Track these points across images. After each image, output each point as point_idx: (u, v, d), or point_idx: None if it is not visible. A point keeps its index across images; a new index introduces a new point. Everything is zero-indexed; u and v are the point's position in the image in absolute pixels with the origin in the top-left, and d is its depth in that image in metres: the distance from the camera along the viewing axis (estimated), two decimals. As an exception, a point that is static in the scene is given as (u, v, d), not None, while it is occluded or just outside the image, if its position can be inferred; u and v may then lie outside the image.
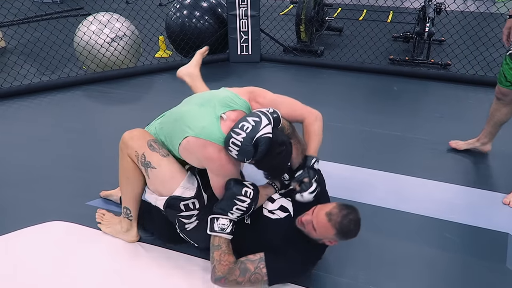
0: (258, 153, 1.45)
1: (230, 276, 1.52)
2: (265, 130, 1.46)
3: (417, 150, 2.65)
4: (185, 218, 1.65)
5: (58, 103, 3.33)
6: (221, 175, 1.58)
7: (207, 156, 1.55)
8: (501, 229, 1.96)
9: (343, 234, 1.49)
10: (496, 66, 3.72)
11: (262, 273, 1.52)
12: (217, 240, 1.55)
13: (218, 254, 1.53)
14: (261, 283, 1.55)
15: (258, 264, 1.53)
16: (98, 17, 3.68)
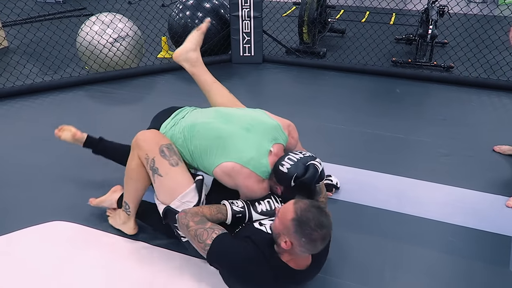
0: (308, 173, 1.55)
1: (190, 217, 1.49)
2: (316, 161, 1.61)
3: (419, 153, 2.64)
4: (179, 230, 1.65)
5: (60, 103, 3.33)
6: (250, 197, 1.66)
7: (248, 185, 1.61)
8: (505, 233, 1.95)
9: (299, 222, 1.34)
10: (499, 69, 3.72)
11: (210, 236, 1.44)
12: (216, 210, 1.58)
13: (202, 209, 1.55)
14: (202, 245, 1.45)
15: (215, 229, 1.46)
16: (101, 17, 3.68)
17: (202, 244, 1.45)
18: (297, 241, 1.36)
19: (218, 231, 1.46)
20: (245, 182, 1.59)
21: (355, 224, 1.99)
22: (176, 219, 1.55)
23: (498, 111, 3.29)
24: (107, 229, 1.95)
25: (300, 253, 1.41)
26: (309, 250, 1.39)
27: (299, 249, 1.38)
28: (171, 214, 1.62)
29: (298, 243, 1.36)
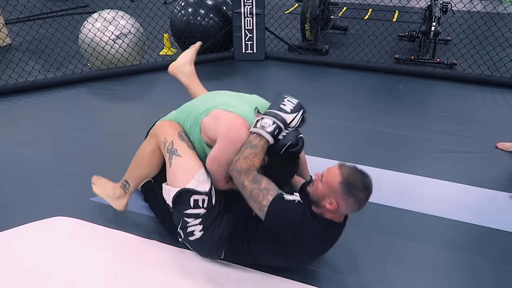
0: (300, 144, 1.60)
1: (244, 175, 1.51)
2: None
3: (422, 149, 2.63)
4: (189, 217, 1.61)
5: (63, 100, 3.33)
6: (227, 149, 1.59)
7: (231, 125, 1.59)
8: (508, 229, 1.94)
9: (347, 185, 1.42)
10: (502, 66, 3.70)
11: (266, 198, 1.48)
12: (256, 139, 1.54)
13: (249, 152, 1.53)
14: (257, 206, 1.50)
15: (270, 190, 1.50)
16: (103, 15, 3.68)
17: (258, 205, 1.49)
18: (344, 201, 1.44)
19: (273, 192, 1.50)
20: (230, 122, 1.60)
21: (358, 220, 1.98)
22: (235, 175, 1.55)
23: (501, 108, 3.28)
24: (110, 225, 1.95)
25: (345, 212, 1.51)
26: (355, 209, 1.47)
27: (344, 209, 1.47)
28: (187, 194, 1.60)
29: (345, 203, 1.45)
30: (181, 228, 1.64)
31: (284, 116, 1.58)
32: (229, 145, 1.59)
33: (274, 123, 1.55)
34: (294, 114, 1.60)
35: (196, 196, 1.59)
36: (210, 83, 2.18)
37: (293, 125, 1.61)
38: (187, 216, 1.61)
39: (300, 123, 1.64)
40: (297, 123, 1.61)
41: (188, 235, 1.63)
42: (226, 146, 1.60)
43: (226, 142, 1.60)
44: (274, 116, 1.56)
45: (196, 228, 1.61)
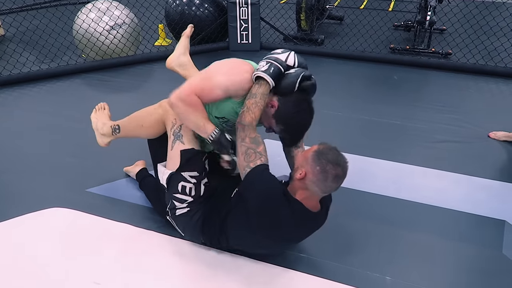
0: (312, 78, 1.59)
1: (247, 130, 1.53)
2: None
3: (417, 139, 2.65)
4: (177, 201, 1.68)
5: (57, 91, 3.32)
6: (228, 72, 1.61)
7: (235, 65, 1.62)
8: (498, 217, 1.97)
9: (318, 153, 1.43)
10: (497, 55, 3.71)
11: (255, 161, 1.48)
12: (254, 87, 1.55)
13: (250, 102, 1.54)
14: (245, 164, 1.49)
15: (262, 156, 1.50)
16: (97, 5, 3.66)
17: (245, 163, 1.50)
18: (311, 169, 1.43)
19: (264, 160, 1.50)
20: (233, 62, 1.65)
21: (352, 210, 2.01)
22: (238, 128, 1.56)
23: (495, 97, 3.30)
24: (106, 216, 1.96)
25: (311, 187, 1.45)
26: (320, 181, 1.42)
27: (311, 179, 1.43)
28: (177, 178, 1.67)
29: (312, 171, 1.42)
30: (169, 209, 1.72)
31: (276, 56, 1.57)
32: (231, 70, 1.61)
33: (267, 62, 1.55)
34: (286, 53, 1.59)
35: (184, 183, 1.65)
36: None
37: (291, 62, 1.58)
38: (176, 200, 1.68)
39: (298, 59, 1.60)
40: (294, 60, 1.58)
41: (175, 213, 1.71)
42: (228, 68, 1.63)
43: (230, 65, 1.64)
44: (266, 58, 1.57)
45: (181, 210, 1.69)
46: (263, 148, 1.53)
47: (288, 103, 1.57)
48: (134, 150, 2.33)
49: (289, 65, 1.58)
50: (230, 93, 1.60)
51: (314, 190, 1.46)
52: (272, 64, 1.54)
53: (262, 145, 1.54)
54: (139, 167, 2.17)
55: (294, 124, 1.60)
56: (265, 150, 1.53)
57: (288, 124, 1.59)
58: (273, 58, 1.56)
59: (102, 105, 2.11)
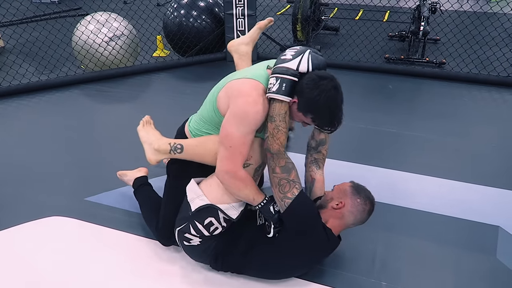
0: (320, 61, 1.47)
1: (276, 158, 1.49)
2: None
3: (411, 147, 2.69)
4: (194, 229, 1.60)
5: (57, 102, 3.36)
6: (239, 119, 1.45)
7: (240, 89, 1.47)
8: (492, 222, 2.00)
9: (356, 187, 1.61)
10: (489, 64, 3.78)
11: (291, 191, 1.48)
12: (272, 109, 1.45)
13: (272, 127, 1.47)
14: (281, 195, 1.49)
15: (296, 183, 1.50)
16: (96, 17, 3.71)
17: (282, 195, 1.50)
18: (351, 201, 1.56)
19: (299, 187, 1.51)
20: (239, 86, 1.48)
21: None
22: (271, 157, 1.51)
23: (488, 105, 3.35)
24: (105, 224, 1.99)
25: (348, 217, 1.57)
26: (358, 213, 1.56)
27: (349, 210, 1.55)
28: (208, 213, 1.57)
29: (352, 203, 1.56)
30: (180, 231, 1.64)
31: (286, 65, 1.43)
32: (236, 114, 1.45)
33: (277, 78, 1.42)
34: (297, 58, 1.44)
35: (215, 221, 1.58)
36: (203, 84, 2.22)
37: (304, 69, 1.43)
38: (193, 227, 1.60)
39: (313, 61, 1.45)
40: (308, 63, 1.43)
41: (185, 239, 1.64)
42: (234, 117, 1.46)
43: (232, 113, 1.46)
44: (275, 73, 1.44)
45: (194, 239, 1.62)
46: (295, 175, 1.52)
47: (305, 90, 1.42)
48: (132, 159, 2.36)
49: (302, 72, 1.44)
50: (254, 130, 1.50)
51: (348, 220, 1.59)
52: (283, 80, 1.42)
53: (293, 171, 1.52)
54: (140, 173, 2.12)
55: (322, 107, 1.44)
56: (297, 175, 1.53)
57: (316, 109, 1.45)
58: (283, 71, 1.43)
59: (148, 118, 1.93)
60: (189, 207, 1.60)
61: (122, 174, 2.17)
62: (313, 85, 1.41)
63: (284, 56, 1.47)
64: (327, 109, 1.45)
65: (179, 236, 1.66)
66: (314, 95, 1.41)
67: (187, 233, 1.62)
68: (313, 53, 1.48)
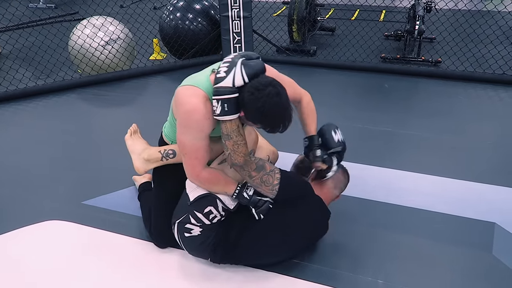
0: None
1: (246, 167, 1.57)
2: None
3: (407, 145, 2.70)
4: (194, 219, 1.63)
5: (54, 106, 3.36)
6: (185, 128, 1.51)
7: (180, 98, 1.51)
8: (487, 219, 2.01)
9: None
10: (484, 62, 3.79)
11: (275, 177, 1.60)
12: (223, 128, 1.48)
13: (231, 144, 1.50)
14: (269, 187, 1.60)
15: (274, 169, 1.61)
16: (92, 21, 3.72)
17: (270, 187, 1.60)
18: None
19: (277, 170, 1.62)
20: (180, 96, 1.52)
21: (344, 215, 2.05)
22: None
23: (484, 103, 3.36)
24: (103, 227, 1.99)
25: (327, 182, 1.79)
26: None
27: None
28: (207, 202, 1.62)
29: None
30: (180, 222, 1.66)
31: (222, 85, 1.42)
32: (183, 123, 1.52)
33: (218, 101, 1.43)
34: (231, 74, 1.42)
35: (214, 210, 1.62)
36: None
37: (239, 82, 1.42)
38: (193, 217, 1.63)
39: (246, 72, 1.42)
40: (242, 76, 1.42)
41: (185, 230, 1.65)
42: (182, 126, 1.53)
43: (180, 124, 1.54)
44: (215, 95, 1.44)
45: (195, 228, 1.64)
46: (269, 165, 1.62)
47: (247, 104, 1.42)
48: (129, 163, 2.36)
49: (240, 85, 1.43)
50: (204, 135, 1.53)
51: (330, 185, 1.83)
52: (224, 100, 1.42)
53: (266, 164, 1.61)
54: (145, 179, 2.17)
55: (267, 116, 1.43)
56: (270, 164, 1.63)
57: (263, 119, 1.45)
58: (221, 92, 1.43)
59: (136, 127, 2.01)
60: (188, 198, 1.65)
61: (135, 179, 2.25)
62: (254, 97, 1.41)
63: (219, 74, 1.45)
64: (273, 116, 1.44)
65: (179, 229, 1.66)
66: (258, 106, 1.41)
67: (187, 224, 1.64)
68: (245, 61, 1.45)
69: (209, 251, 1.66)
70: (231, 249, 1.65)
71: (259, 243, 1.65)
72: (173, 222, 1.69)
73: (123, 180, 2.30)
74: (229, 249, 1.65)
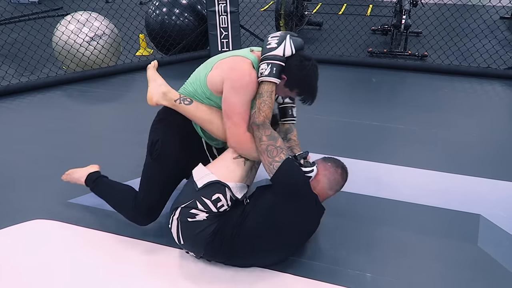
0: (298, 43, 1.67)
1: (262, 129, 1.63)
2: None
3: (394, 139, 2.72)
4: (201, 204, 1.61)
5: (38, 104, 3.31)
6: (237, 90, 1.63)
7: (233, 65, 1.67)
8: (473, 211, 2.04)
9: None
10: (469, 55, 3.84)
11: (279, 155, 1.61)
12: (261, 87, 1.65)
13: (259, 102, 1.64)
14: (270, 160, 1.61)
15: (283, 149, 1.63)
16: (76, 16, 3.66)
17: (270, 159, 1.61)
18: (323, 165, 1.71)
19: (286, 152, 1.64)
20: (230, 63, 1.68)
21: (333, 209, 2.05)
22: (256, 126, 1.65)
23: (469, 96, 3.41)
24: (89, 225, 1.97)
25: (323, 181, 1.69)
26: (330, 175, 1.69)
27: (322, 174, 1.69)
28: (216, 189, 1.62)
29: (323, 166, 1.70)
30: (185, 207, 1.62)
31: (274, 53, 1.64)
32: (233, 86, 1.64)
33: (268, 64, 1.64)
34: (282, 45, 1.65)
35: (222, 197, 1.62)
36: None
37: (289, 52, 1.65)
38: (200, 202, 1.61)
39: (294, 45, 1.66)
40: (291, 47, 1.65)
41: (189, 215, 1.62)
42: (232, 90, 1.64)
43: (228, 87, 1.65)
44: (265, 59, 1.65)
45: (201, 214, 1.61)
46: (281, 142, 1.65)
47: (294, 70, 1.65)
48: (116, 160, 2.34)
49: (288, 56, 1.66)
50: (251, 99, 1.67)
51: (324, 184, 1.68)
52: (273, 64, 1.63)
53: (279, 139, 1.65)
54: (93, 169, 2.03)
55: (308, 83, 1.69)
56: (282, 142, 1.67)
57: (303, 85, 1.69)
58: (271, 57, 1.64)
59: (156, 63, 2.02)
60: (195, 185, 1.64)
61: (71, 172, 2.05)
62: (301, 65, 1.66)
63: (269, 45, 1.67)
64: (313, 85, 1.71)
65: (183, 213, 1.62)
66: (303, 74, 1.66)
67: (193, 209, 1.61)
68: (292, 37, 1.69)
69: (207, 241, 1.61)
70: (228, 242, 1.61)
71: (254, 240, 1.62)
72: (176, 207, 1.65)
73: (109, 177, 2.26)
74: (227, 241, 1.61)
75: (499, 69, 3.67)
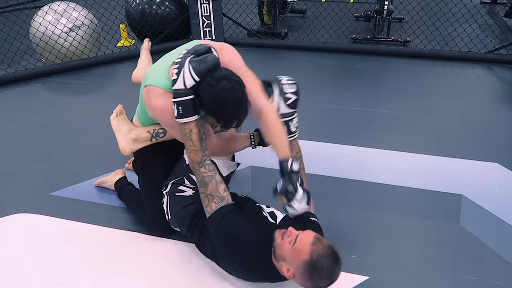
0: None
1: (195, 172, 1.51)
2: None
3: (378, 124, 2.74)
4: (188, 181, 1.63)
5: (17, 97, 3.23)
6: (166, 125, 1.60)
7: (149, 104, 1.55)
8: (455, 192, 2.07)
9: (311, 268, 1.30)
10: (451, 40, 3.87)
11: (210, 204, 1.46)
12: (182, 128, 1.47)
13: (185, 141, 1.50)
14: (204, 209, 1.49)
15: (215, 193, 1.46)
16: (54, 7, 3.57)
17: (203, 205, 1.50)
18: (301, 281, 1.35)
19: (216, 202, 1.45)
20: (148, 101, 1.54)
21: (316, 194, 2.06)
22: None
23: (451, 80, 3.44)
24: (71, 218, 1.94)
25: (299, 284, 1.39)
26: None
27: (299, 283, 1.37)
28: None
29: (301, 282, 1.35)
30: (175, 183, 1.66)
31: (176, 87, 1.42)
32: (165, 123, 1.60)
33: (173, 103, 1.43)
34: (181, 75, 1.40)
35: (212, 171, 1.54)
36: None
37: (190, 83, 1.40)
38: (188, 179, 1.64)
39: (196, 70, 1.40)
40: (191, 76, 1.39)
41: (177, 191, 1.66)
42: (167, 126, 1.62)
43: (164, 124, 1.62)
44: (173, 97, 1.44)
45: (188, 190, 1.65)
46: (213, 187, 1.46)
47: (202, 99, 1.42)
48: (97, 152, 2.30)
49: (192, 86, 1.41)
50: None
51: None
52: (178, 103, 1.42)
53: (210, 184, 1.46)
54: (118, 176, 2.08)
55: (221, 108, 1.42)
56: (216, 188, 1.46)
57: (217, 113, 1.45)
58: (174, 94, 1.43)
59: (121, 108, 1.95)
60: (184, 160, 1.66)
61: (101, 182, 2.12)
62: (206, 93, 1.40)
63: (172, 77, 1.44)
64: (225, 110, 1.43)
65: (172, 188, 1.67)
66: (210, 101, 1.41)
67: (181, 186, 1.65)
68: (192, 59, 1.41)
69: (189, 219, 1.61)
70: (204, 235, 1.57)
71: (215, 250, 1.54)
72: (166, 183, 1.69)
73: (92, 169, 2.24)
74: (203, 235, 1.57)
75: (480, 53, 3.71)
